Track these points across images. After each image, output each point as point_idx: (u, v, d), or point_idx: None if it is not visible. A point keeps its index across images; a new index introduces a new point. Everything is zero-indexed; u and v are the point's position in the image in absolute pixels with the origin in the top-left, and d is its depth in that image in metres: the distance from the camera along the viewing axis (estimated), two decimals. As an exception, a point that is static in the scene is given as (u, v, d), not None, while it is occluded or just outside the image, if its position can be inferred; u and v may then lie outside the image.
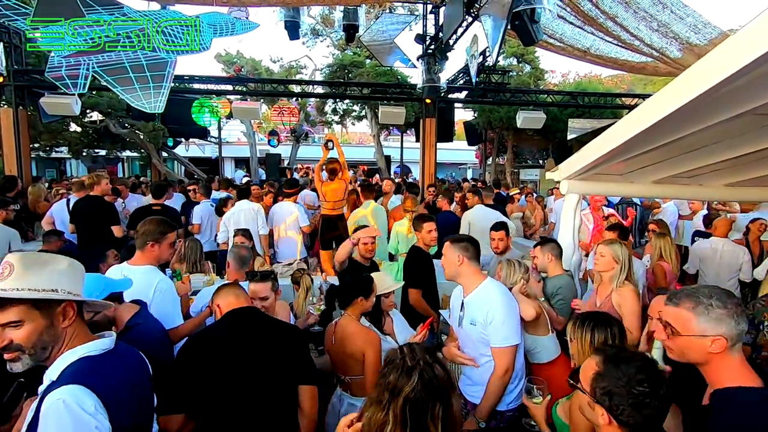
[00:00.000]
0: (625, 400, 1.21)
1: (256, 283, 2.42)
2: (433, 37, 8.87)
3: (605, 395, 1.25)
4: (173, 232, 2.50)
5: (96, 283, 1.94)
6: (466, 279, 2.32)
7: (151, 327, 2.02)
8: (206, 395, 1.63)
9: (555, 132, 13.58)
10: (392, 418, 1.26)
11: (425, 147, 9.61)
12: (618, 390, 1.22)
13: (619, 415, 1.22)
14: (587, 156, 2.61)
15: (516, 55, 15.58)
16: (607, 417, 1.24)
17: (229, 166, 22.97)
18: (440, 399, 1.28)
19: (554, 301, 2.89)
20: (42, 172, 15.82)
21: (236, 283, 2.10)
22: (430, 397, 1.27)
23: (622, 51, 7.99)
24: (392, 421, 1.26)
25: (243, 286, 2.11)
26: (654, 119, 1.72)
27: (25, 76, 8.31)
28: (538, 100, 11.00)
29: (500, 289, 2.28)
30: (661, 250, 3.95)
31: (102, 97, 11.64)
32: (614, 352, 1.32)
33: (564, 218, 3.53)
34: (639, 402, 1.20)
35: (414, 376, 1.28)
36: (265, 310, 2.36)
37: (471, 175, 24.45)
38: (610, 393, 1.24)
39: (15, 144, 8.00)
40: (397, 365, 1.32)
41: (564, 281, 2.96)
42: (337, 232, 5.27)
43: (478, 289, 2.27)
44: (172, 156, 16.09)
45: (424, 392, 1.27)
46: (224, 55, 16.16)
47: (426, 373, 1.30)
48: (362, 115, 17.41)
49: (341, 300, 2.40)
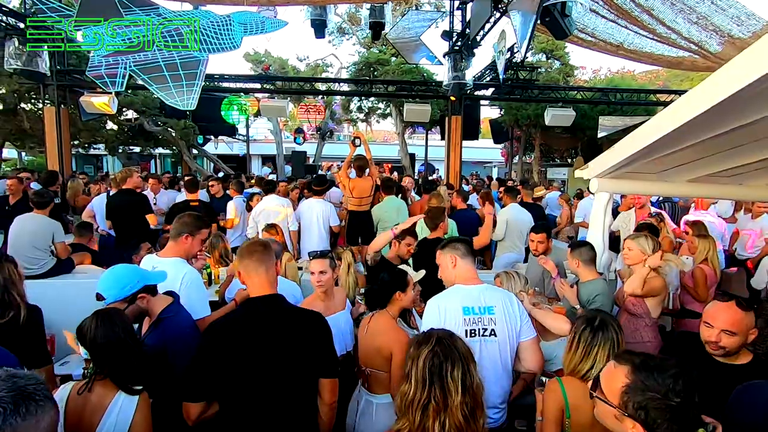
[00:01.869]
0: (663, 414, 1.13)
1: (316, 259, 2.66)
2: (460, 33, 8.78)
3: (641, 410, 1.15)
4: (207, 229, 2.60)
5: (132, 274, 2.01)
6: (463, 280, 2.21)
7: (182, 319, 2.07)
8: (225, 384, 1.64)
9: (584, 130, 13.23)
10: (414, 382, 1.33)
11: (450, 145, 9.54)
12: (655, 404, 1.13)
13: (655, 429, 1.14)
14: (619, 153, 2.54)
15: (545, 51, 15.26)
16: (641, 429, 1.16)
17: (256, 163, 23.44)
18: (459, 362, 1.34)
19: (591, 308, 2.80)
20: (81, 168, 16.56)
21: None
22: (447, 358, 1.34)
23: (658, 45, 7.70)
24: (414, 384, 1.33)
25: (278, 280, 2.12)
26: (692, 115, 1.66)
27: (66, 76, 8.73)
28: (567, 96, 10.74)
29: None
30: (707, 252, 3.67)
31: (137, 95, 12.09)
32: (643, 360, 1.22)
33: (594, 217, 3.45)
34: (678, 414, 1.13)
35: (432, 340, 1.38)
36: (322, 284, 2.61)
37: (496, 173, 24.11)
38: (646, 408, 1.14)
39: (57, 141, 8.42)
40: (418, 338, 1.42)
41: (599, 287, 2.82)
42: (364, 228, 5.30)
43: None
44: (201, 153, 16.56)
45: (441, 354, 1.34)
46: (253, 54, 16.49)
47: (444, 340, 1.39)
48: (387, 112, 17.44)
49: (379, 298, 2.37)
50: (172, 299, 2.10)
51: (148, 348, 1.97)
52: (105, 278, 1.97)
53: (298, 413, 1.70)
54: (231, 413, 1.67)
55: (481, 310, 2.07)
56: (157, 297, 2.07)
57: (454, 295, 2.15)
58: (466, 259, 2.22)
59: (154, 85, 5.21)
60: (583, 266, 2.87)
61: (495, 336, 2.05)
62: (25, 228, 4.08)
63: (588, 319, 1.84)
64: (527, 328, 2.12)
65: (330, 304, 2.70)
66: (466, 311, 2.06)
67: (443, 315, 2.07)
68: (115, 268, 2.03)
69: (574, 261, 2.90)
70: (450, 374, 1.33)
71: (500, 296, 2.15)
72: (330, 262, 2.70)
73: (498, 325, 2.06)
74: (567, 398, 1.70)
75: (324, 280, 2.63)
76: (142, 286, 1.99)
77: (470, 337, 2.02)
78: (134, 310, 1.96)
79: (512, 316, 2.10)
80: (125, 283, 1.95)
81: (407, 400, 1.34)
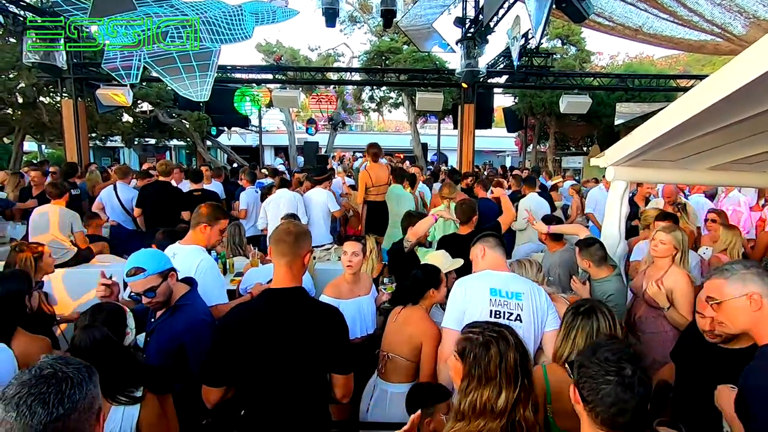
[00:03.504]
0: (586, 373, 1.18)
1: (350, 241, 2.80)
2: (473, 19, 8.62)
3: (575, 368, 1.23)
4: (225, 220, 2.64)
5: (162, 253, 2.13)
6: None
7: (198, 309, 2.10)
8: (241, 372, 1.66)
9: (601, 117, 12.95)
10: (505, 381, 1.32)
11: (463, 134, 9.45)
12: (586, 364, 1.20)
13: (581, 390, 1.19)
14: (637, 140, 2.48)
15: (560, 37, 14.90)
16: (575, 393, 1.22)
17: (268, 154, 23.56)
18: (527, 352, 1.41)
19: None
20: (98, 161, 16.88)
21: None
22: (524, 349, 1.40)
23: (679, 28, 7.43)
24: (505, 383, 1.32)
25: None
26: (714, 100, 1.60)
27: (83, 69, 8.85)
28: (583, 83, 10.50)
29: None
30: (728, 243, 3.54)
31: (151, 87, 12.21)
32: (602, 340, 1.31)
33: (610, 207, 3.38)
34: (599, 380, 1.14)
35: (509, 338, 1.39)
36: (352, 266, 2.70)
37: (510, 163, 23.81)
38: (579, 366, 1.22)
39: (75, 133, 8.58)
40: (485, 338, 1.39)
41: (613, 286, 2.75)
42: (382, 217, 5.30)
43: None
44: (215, 144, 16.71)
45: (521, 346, 1.40)
46: (264, 45, 16.47)
47: (509, 333, 1.42)
48: (399, 102, 17.30)
49: (412, 295, 2.39)
50: (189, 287, 2.15)
51: (163, 335, 2.03)
52: (141, 255, 2.02)
53: (309, 404, 1.71)
54: (246, 400, 1.69)
55: (508, 294, 2.09)
56: (179, 283, 2.12)
57: (481, 276, 2.19)
58: (496, 249, 2.25)
59: (168, 77, 5.26)
60: (594, 267, 2.80)
61: (520, 322, 2.05)
62: (44, 219, 4.19)
63: (576, 305, 1.86)
64: (552, 318, 2.12)
65: (355, 287, 2.75)
66: (493, 292, 2.08)
67: (468, 294, 2.08)
68: (145, 249, 2.11)
69: (584, 262, 2.83)
70: (528, 364, 1.39)
71: (528, 285, 2.16)
72: (362, 247, 2.80)
73: (524, 311, 2.06)
74: (548, 384, 1.73)
75: (355, 262, 2.71)
76: (168, 267, 2.06)
77: (495, 317, 2.03)
78: (166, 289, 2.00)
79: (539, 305, 2.10)
80: (160, 257, 2.04)
81: (489, 404, 1.31)
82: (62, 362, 0.94)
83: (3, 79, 10.26)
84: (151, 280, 1.95)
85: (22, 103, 11.14)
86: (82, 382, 0.92)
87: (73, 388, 0.89)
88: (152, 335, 2.08)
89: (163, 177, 5.30)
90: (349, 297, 2.68)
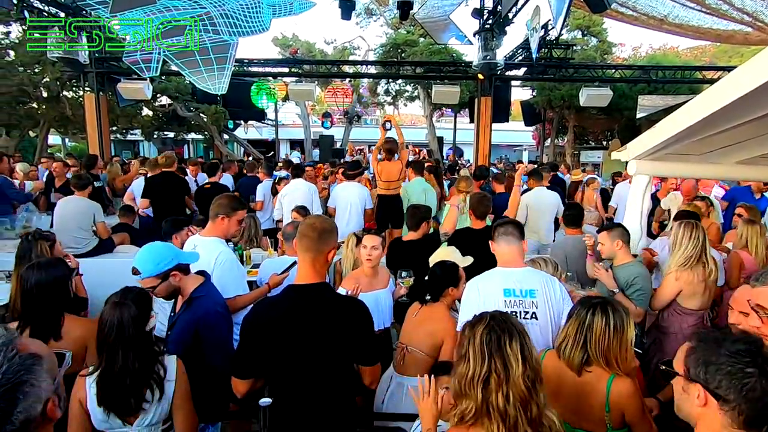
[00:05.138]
0: (722, 370, 1.04)
1: (369, 235, 2.83)
2: (491, 10, 8.47)
3: (699, 366, 1.09)
4: (243, 210, 2.68)
5: (167, 252, 2.08)
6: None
7: (213, 300, 2.13)
8: (269, 365, 1.68)
9: (622, 110, 12.64)
10: (472, 359, 1.33)
11: (479, 127, 9.34)
12: (714, 359, 1.06)
13: (716, 389, 1.05)
14: (661, 133, 2.41)
15: (581, 28, 14.56)
16: (704, 395, 1.07)
17: (284, 147, 23.72)
18: (516, 334, 1.34)
19: (630, 291, 2.67)
20: (119, 153, 17.24)
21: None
22: (504, 331, 1.34)
23: (706, 18, 7.17)
24: (473, 361, 1.33)
25: None
26: (744, 91, 1.54)
27: (104, 63, 9.02)
28: (604, 75, 10.25)
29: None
30: (747, 239, 3.36)
31: (170, 81, 12.40)
32: (711, 333, 1.17)
33: (631, 201, 3.31)
34: (739, 375, 1.02)
35: (486, 317, 1.40)
36: (371, 259, 2.73)
37: (528, 157, 23.47)
38: (705, 363, 1.07)
39: (97, 127, 8.77)
40: (471, 320, 1.43)
41: (638, 269, 2.71)
42: (393, 211, 5.29)
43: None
44: (232, 138, 16.90)
45: (498, 327, 1.35)
46: (281, 39, 16.52)
47: (498, 316, 1.40)
48: (415, 95, 17.17)
49: (431, 292, 2.39)
50: (203, 279, 2.16)
51: (180, 326, 2.06)
52: (141, 254, 2.03)
53: (336, 396, 1.73)
54: (274, 392, 1.72)
55: (522, 292, 2.05)
56: (189, 276, 2.13)
57: (493, 276, 2.13)
58: (502, 240, 2.19)
59: (187, 70, 5.33)
60: (624, 248, 2.75)
61: (536, 319, 2.03)
62: (69, 210, 4.31)
63: (587, 298, 1.79)
64: (568, 311, 2.09)
65: (374, 281, 2.79)
66: (507, 293, 2.04)
67: (482, 296, 2.05)
68: (151, 245, 2.10)
69: (615, 242, 2.74)
70: (508, 345, 1.33)
71: (542, 279, 2.12)
72: (382, 241, 2.82)
73: (540, 308, 2.04)
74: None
75: (374, 256, 2.74)
76: (176, 264, 2.06)
77: None
78: (167, 287, 2.03)
79: (554, 299, 2.07)
80: (160, 260, 2.02)
81: (467, 379, 1.33)
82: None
83: (28, 74, 10.56)
84: (148, 282, 1.99)
85: (46, 97, 11.46)
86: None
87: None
88: (173, 329, 2.14)
89: (167, 168, 5.39)
90: (367, 290, 2.69)
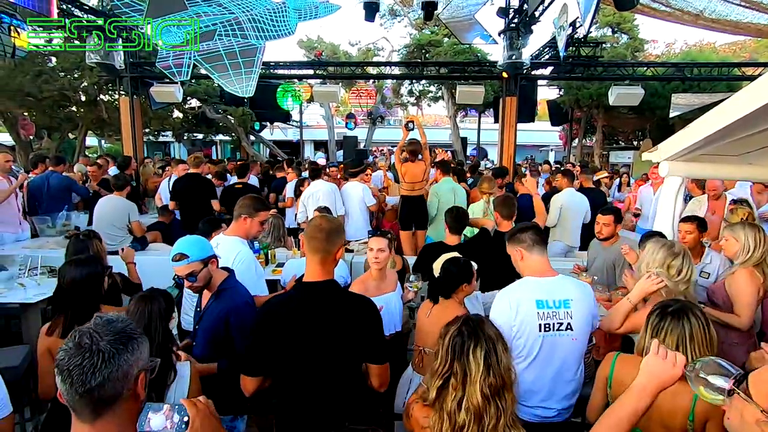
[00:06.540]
0: None
1: (376, 237, 2.81)
2: (517, 9, 8.35)
3: None
4: (266, 212, 2.76)
5: (207, 241, 2.25)
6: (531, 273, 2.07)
7: (240, 292, 2.21)
8: (277, 363, 1.70)
9: (654, 109, 12.22)
10: (440, 357, 1.45)
11: (504, 127, 9.19)
12: None
13: None
14: (696, 133, 2.32)
15: (611, 25, 14.15)
16: None
17: (309, 148, 24.03)
18: (483, 341, 1.41)
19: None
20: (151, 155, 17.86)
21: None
22: (470, 337, 1.42)
23: (745, 12, 6.86)
24: (440, 359, 1.44)
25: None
26: (787, 87, 1.47)
27: (138, 68, 9.37)
28: (635, 73, 9.91)
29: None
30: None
31: (200, 85, 12.78)
32: None
33: (663, 204, 3.20)
34: None
35: (459, 322, 1.47)
36: (379, 262, 2.69)
37: (554, 157, 22.97)
38: None
39: (131, 129, 9.11)
40: (451, 320, 1.53)
41: None
42: (417, 212, 5.29)
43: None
44: (258, 139, 17.24)
45: (466, 333, 1.43)
46: (306, 41, 16.77)
47: (471, 321, 1.47)
48: (439, 95, 17.08)
49: (445, 290, 2.38)
50: (228, 273, 2.26)
51: (209, 318, 2.13)
52: (187, 241, 2.14)
53: (344, 394, 1.73)
54: (283, 390, 1.74)
55: (556, 303, 1.95)
56: (218, 269, 2.23)
57: (525, 287, 2.01)
58: (534, 249, 2.06)
59: (216, 74, 5.49)
60: None
61: (571, 330, 1.95)
62: (106, 208, 4.51)
63: (663, 304, 1.71)
64: (597, 319, 2.10)
65: (382, 284, 2.75)
66: (540, 305, 1.95)
67: (515, 309, 1.95)
68: (192, 236, 2.23)
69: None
70: (472, 351, 1.40)
71: (577, 287, 2.03)
72: (389, 243, 2.78)
73: (575, 318, 1.95)
74: (613, 371, 1.74)
75: (381, 258, 2.70)
76: (214, 253, 2.19)
77: (545, 331, 1.93)
78: (206, 275, 2.12)
79: (591, 308, 2.02)
80: (204, 245, 2.16)
81: (433, 370, 1.46)
82: (100, 332, 1.02)
83: (69, 78, 11.09)
84: (193, 266, 2.07)
85: (84, 100, 12.00)
86: (114, 356, 1.00)
87: (104, 362, 0.99)
88: (200, 323, 2.20)
89: (193, 169, 5.56)
90: (375, 294, 2.64)
